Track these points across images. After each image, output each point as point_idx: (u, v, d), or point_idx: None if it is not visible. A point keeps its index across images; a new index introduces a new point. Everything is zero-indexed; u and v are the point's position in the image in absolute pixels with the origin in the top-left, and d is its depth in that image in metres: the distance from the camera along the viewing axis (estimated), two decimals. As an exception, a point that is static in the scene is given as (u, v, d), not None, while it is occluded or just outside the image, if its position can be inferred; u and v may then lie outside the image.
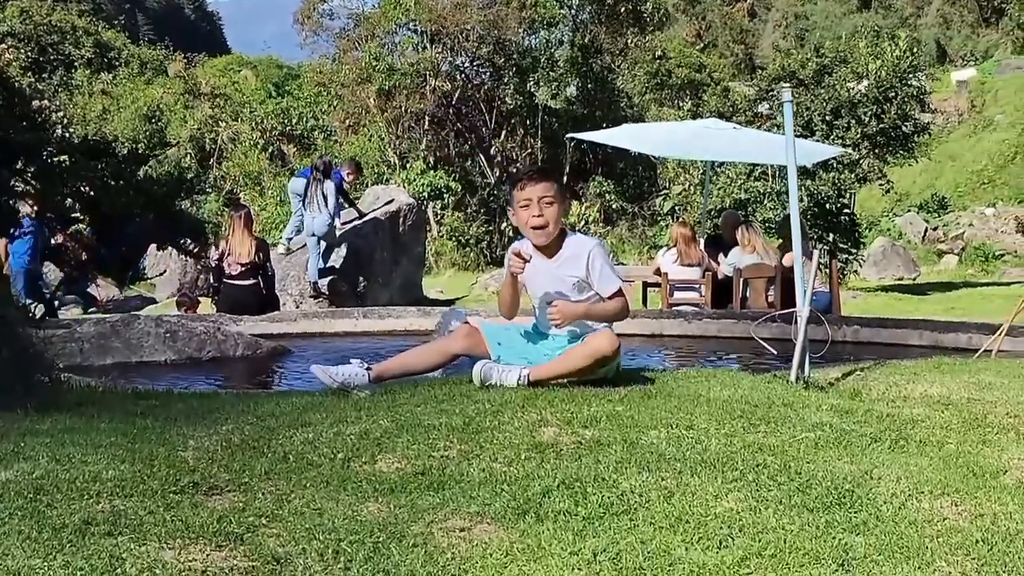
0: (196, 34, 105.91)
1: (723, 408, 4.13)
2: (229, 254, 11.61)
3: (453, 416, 4.04)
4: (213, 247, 12.19)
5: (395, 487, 3.26)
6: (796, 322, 4.82)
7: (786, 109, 5.04)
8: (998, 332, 6.94)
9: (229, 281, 11.67)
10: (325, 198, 15.06)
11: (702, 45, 62.63)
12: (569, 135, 17.34)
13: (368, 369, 4.87)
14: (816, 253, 5.39)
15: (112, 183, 35.21)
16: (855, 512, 2.99)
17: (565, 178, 31.34)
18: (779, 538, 2.79)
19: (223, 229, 11.82)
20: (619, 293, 5.02)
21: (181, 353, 9.16)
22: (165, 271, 28.52)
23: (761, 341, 5.19)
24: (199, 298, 16.19)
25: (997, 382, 4.91)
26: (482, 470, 3.41)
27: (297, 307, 14.94)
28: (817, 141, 19.75)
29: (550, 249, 5.02)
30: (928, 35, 64.18)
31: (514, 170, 34.73)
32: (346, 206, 16.39)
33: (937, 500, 3.11)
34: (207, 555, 2.62)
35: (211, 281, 12.62)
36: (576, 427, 3.89)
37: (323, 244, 15.74)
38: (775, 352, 5.22)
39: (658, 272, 12.47)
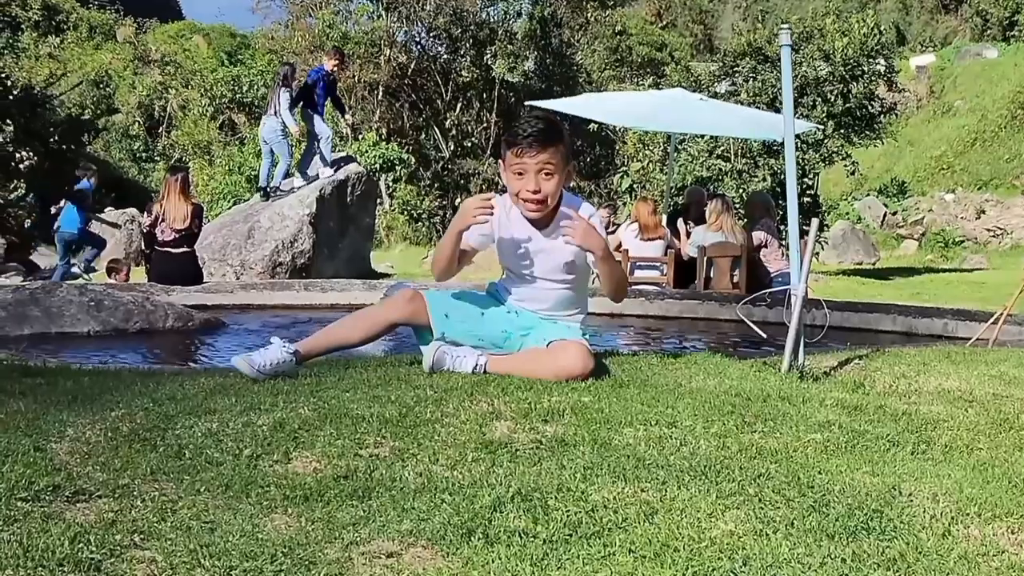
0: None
1: (710, 402, 3.47)
2: (163, 220, 10.88)
3: (387, 405, 3.38)
4: (145, 212, 11.42)
5: (310, 494, 2.60)
6: (790, 303, 4.17)
7: (784, 55, 4.36)
8: (995, 318, 6.35)
9: (162, 248, 10.95)
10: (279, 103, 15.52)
11: (663, 24, 61.99)
12: (528, 103, 16.68)
13: (294, 353, 4.07)
14: (813, 230, 4.50)
15: (56, 149, 34.32)
16: (888, 541, 2.35)
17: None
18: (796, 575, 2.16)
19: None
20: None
21: (106, 324, 8.53)
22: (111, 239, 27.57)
23: (751, 324, 4.51)
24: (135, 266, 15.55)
25: (1023, 376, 4.27)
26: (419, 474, 2.76)
27: (237, 278, 14.22)
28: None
29: (541, 219, 4.28)
30: (887, 20, 63.83)
31: (470, 144, 34.17)
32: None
33: (988, 526, 2.47)
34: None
35: (142, 247, 11.87)
36: (535, 421, 3.23)
37: (275, 152, 16.07)
38: (764, 335, 4.55)
39: (618, 248, 11.85)
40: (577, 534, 2.34)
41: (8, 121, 28.06)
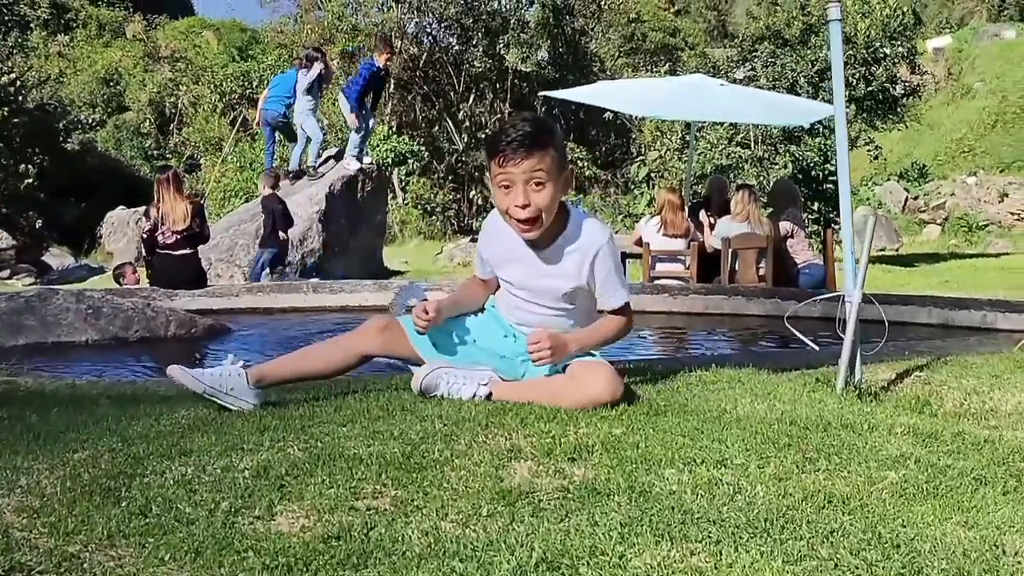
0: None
1: (762, 432, 3.00)
2: (162, 222, 10.44)
3: (389, 442, 2.93)
4: (144, 217, 10.98)
5: (295, 562, 2.16)
6: (843, 309, 3.70)
7: (833, 31, 3.87)
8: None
9: (163, 251, 10.51)
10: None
11: (675, 10, 61.39)
12: (542, 93, 16.20)
13: (245, 367, 3.57)
14: (870, 226, 3.91)
15: (67, 148, 34.02)
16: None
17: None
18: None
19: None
20: (625, 309, 3.82)
21: (105, 332, 8.18)
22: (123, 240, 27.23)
23: (801, 336, 4.03)
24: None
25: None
26: (424, 533, 2.30)
27: (245, 279, 13.80)
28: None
29: (541, 236, 3.69)
30: (903, 2, 63.24)
31: (484, 135, 33.70)
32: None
33: None
34: None
35: (143, 254, 11.45)
36: (560, 461, 2.77)
37: (306, 132, 16.24)
38: (816, 348, 4.07)
39: (639, 243, 11.38)
40: (617, 618, 1.89)
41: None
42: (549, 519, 2.38)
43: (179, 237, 10.40)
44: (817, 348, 3.98)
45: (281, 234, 14.02)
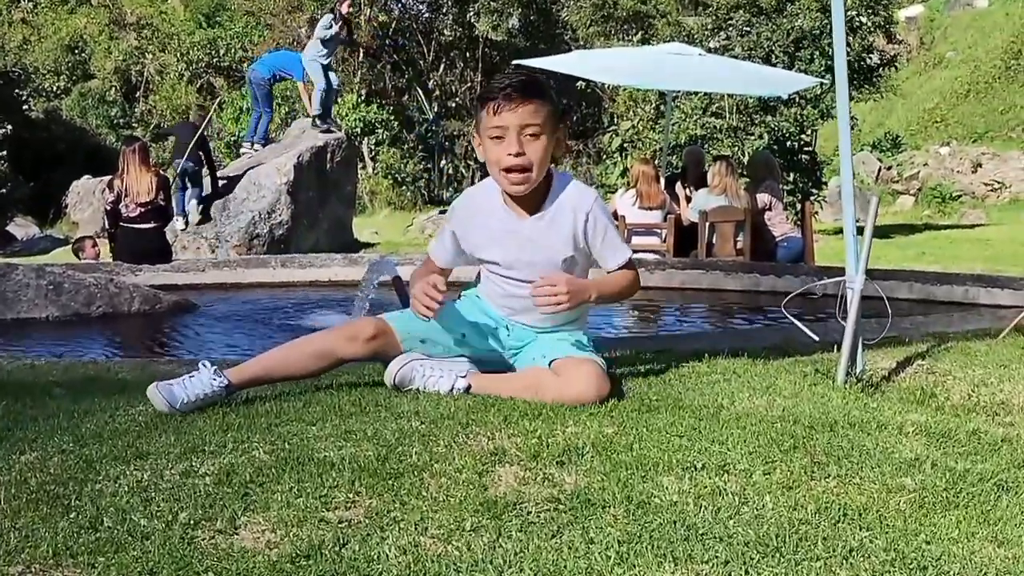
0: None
1: (765, 433, 2.78)
2: (126, 195, 10.15)
3: (363, 443, 2.70)
4: (107, 188, 10.69)
5: (258, 586, 1.95)
6: (845, 296, 3.48)
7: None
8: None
9: (127, 225, 10.23)
10: None
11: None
12: (515, 62, 15.93)
13: (227, 385, 3.27)
14: (873, 207, 3.63)
15: (31, 117, 33.55)
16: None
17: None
18: None
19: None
20: (629, 264, 3.58)
21: (66, 308, 7.97)
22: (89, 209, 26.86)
23: (801, 326, 3.81)
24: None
25: None
26: (402, 551, 2.09)
27: (212, 252, 13.54)
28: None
29: (529, 201, 3.50)
30: (875, -29, 63.05)
31: (454, 104, 33.42)
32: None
33: None
34: None
35: (106, 226, 11.17)
36: (548, 465, 2.55)
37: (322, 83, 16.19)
38: (816, 339, 3.85)
39: (615, 215, 11.17)
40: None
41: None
42: (539, 535, 2.16)
43: (143, 210, 10.14)
44: (817, 338, 3.75)
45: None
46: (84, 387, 3.78)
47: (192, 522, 2.24)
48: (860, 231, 3.75)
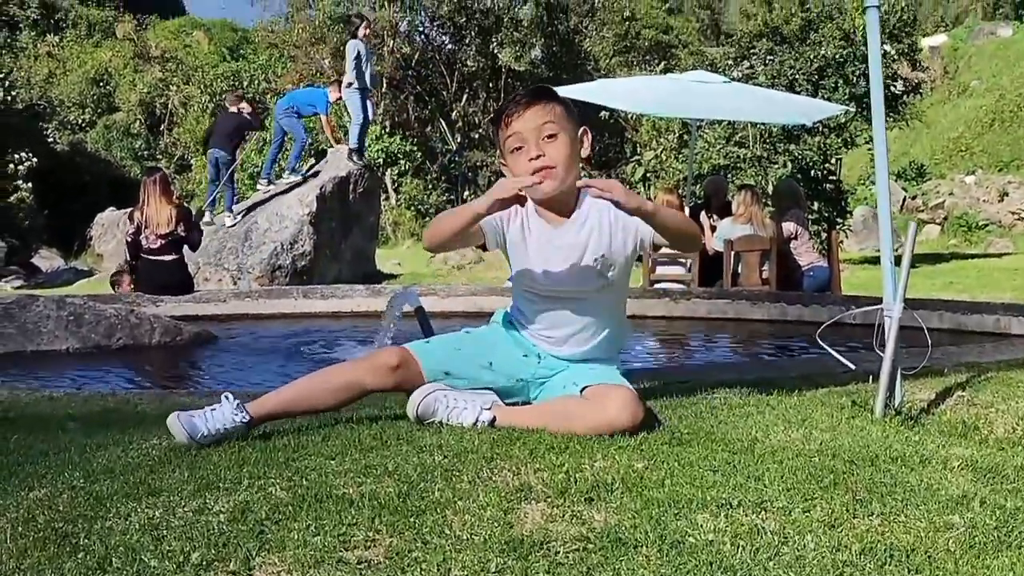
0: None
1: (803, 468, 2.66)
2: (146, 226, 10.11)
3: (383, 479, 2.60)
4: (128, 219, 10.66)
5: (273, 633, 1.84)
6: (882, 324, 3.36)
7: (870, 18, 3.51)
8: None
9: (148, 256, 10.18)
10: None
11: (667, 7, 61.16)
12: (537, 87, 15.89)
13: (248, 420, 3.16)
14: (911, 234, 3.51)
15: (56, 149, 33.72)
16: None
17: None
18: None
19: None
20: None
21: (86, 340, 7.94)
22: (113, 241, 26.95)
23: (834, 354, 3.68)
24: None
25: None
26: (425, 596, 1.98)
27: (235, 283, 13.48)
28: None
29: (562, 207, 3.42)
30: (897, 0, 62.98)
31: (477, 135, 33.42)
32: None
33: None
34: None
35: (127, 258, 11.13)
36: (577, 502, 2.44)
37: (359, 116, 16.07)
38: (852, 367, 3.73)
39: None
40: None
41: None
42: (568, 576, 2.05)
43: (163, 242, 10.09)
44: (853, 367, 3.62)
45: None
46: (100, 420, 3.70)
47: (204, 562, 2.15)
48: (897, 260, 3.63)
